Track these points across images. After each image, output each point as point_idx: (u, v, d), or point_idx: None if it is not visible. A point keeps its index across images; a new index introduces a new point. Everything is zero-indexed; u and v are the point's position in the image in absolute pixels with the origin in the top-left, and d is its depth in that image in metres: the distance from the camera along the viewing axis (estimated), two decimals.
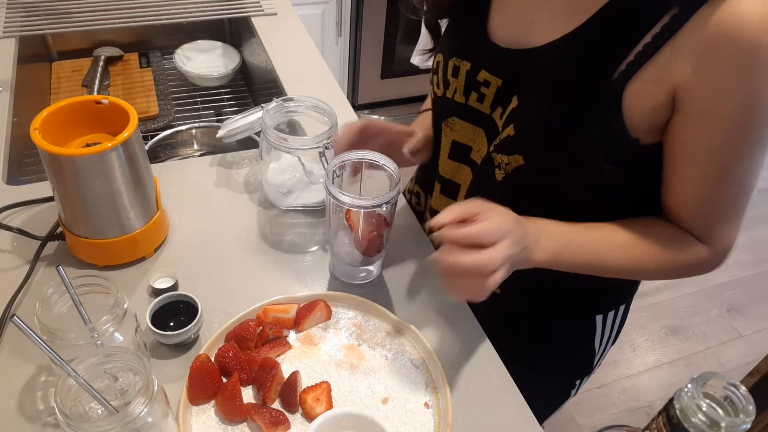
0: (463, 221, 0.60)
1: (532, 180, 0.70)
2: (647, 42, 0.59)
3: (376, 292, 0.83)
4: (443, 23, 0.81)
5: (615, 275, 0.72)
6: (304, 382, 0.71)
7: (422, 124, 0.89)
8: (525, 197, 0.71)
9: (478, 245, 0.58)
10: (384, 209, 0.74)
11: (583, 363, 0.93)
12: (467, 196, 0.80)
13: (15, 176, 1.01)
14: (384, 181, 0.77)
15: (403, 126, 0.85)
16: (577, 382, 0.97)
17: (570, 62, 0.64)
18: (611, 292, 0.86)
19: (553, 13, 0.66)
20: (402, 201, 0.95)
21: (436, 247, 0.65)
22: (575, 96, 0.64)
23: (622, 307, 0.90)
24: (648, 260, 0.69)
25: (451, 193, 0.85)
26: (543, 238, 0.66)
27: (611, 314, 0.88)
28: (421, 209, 0.96)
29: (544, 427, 0.72)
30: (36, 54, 1.37)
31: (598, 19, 0.62)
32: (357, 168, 0.77)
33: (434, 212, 0.88)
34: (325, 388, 0.69)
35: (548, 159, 0.68)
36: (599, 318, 0.88)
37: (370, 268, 0.83)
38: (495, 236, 0.58)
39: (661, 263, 0.69)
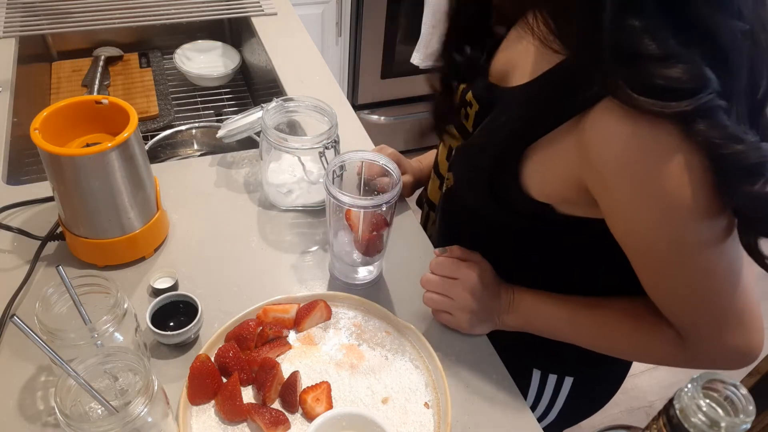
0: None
1: (458, 204, 0.79)
2: (552, 117, 0.59)
3: (376, 292, 0.83)
4: None
5: (592, 349, 0.74)
6: (304, 382, 0.71)
7: (419, 163, 0.98)
8: (457, 219, 0.81)
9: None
10: (384, 209, 0.74)
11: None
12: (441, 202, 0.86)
13: (15, 176, 1.01)
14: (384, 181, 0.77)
15: (408, 164, 0.97)
16: None
17: (511, 111, 0.66)
18: (553, 356, 0.84)
19: (525, 62, 0.67)
20: (402, 200, 0.95)
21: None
22: (496, 141, 0.66)
23: (569, 380, 0.86)
24: (620, 345, 0.72)
25: None
26: (516, 303, 0.75)
27: (553, 378, 0.86)
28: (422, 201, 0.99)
29: None
30: (36, 54, 1.37)
31: (542, 79, 0.62)
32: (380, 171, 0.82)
33: (428, 201, 0.93)
34: (325, 388, 0.69)
35: (466, 191, 0.74)
36: (537, 373, 0.86)
37: (371, 268, 0.83)
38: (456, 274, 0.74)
39: (634, 351, 0.73)
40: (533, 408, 0.89)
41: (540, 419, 0.90)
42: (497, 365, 0.76)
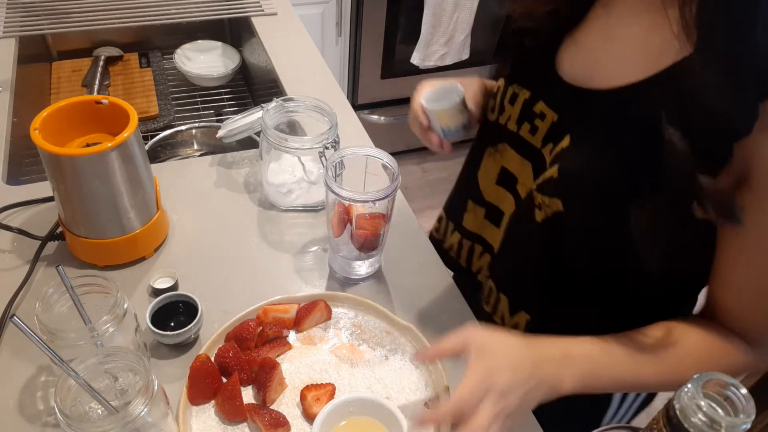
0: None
1: (571, 229, 0.66)
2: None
3: (376, 292, 0.83)
4: None
5: (657, 388, 0.68)
6: (305, 382, 0.71)
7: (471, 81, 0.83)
8: (564, 245, 0.67)
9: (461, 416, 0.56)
10: (382, 204, 0.74)
11: (594, 413, 0.86)
12: (507, 232, 0.77)
13: (15, 176, 1.01)
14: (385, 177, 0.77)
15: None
16: None
17: (631, 113, 0.59)
18: None
19: (625, 57, 0.61)
20: (402, 198, 0.95)
21: None
22: (628, 149, 0.59)
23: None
24: (688, 371, 0.60)
25: (495, 220, 0.79)
26: (567, 368, 0.60)
27: (631, 396, 0.82)
28: (440, 237, 0.91)
29: None
30: (36, 54, 1.37)
31: (668, 75, 0.56)
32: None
33: (466, 233, 0.85)
34: (329, 390, 0.69)
35: (588, 210, 0.64)
36: (617, 396, 0.82)
37: (369, 263, 0.83)
38: (475, 400, 0.56)
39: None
40: (613, 413, 0.85)
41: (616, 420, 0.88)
42: None
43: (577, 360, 0.61)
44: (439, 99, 0.74)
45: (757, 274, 0.58)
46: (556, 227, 0.66)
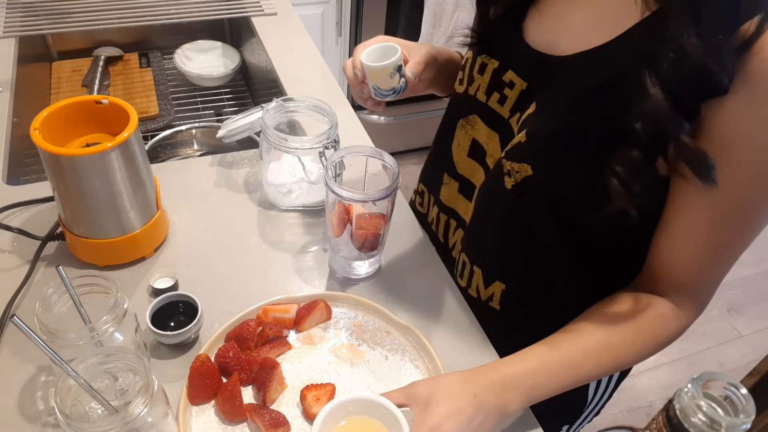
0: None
1: (540, 193, 0.67)
2: None
3: (376, 292, 0.83)
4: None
5: (601, 377, 0.70)
6: (305, 382, 0.71)
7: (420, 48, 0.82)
8: (535, 209, 0.69)
9: None
10: (382, 204, 0.74)
11: (573, 409, 0.89)
12: (477, 203, 0.78)
13: (15, 176, 1.01)
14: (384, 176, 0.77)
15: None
16: (564, 428, 0.92)
17: (595, 75, 0.61)
18: None
19: (586, 22, 0.63)
20: (401, 198, 0.95)
21: None
22: (593, 109, 0.61)
23: None
24: (627, 355, 0.66)
25: (468, 193, 0.81)
26: (509, 390, 0.63)
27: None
28: (424, 210, 0.93)
29: None
30: (36, 54, 1.37)
31: (630, 36, 0.58)
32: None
33: (443, 206, 0.86)
34: (329, 390, 0.69)
35: (555, 172, 0.65)
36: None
37: (369, 263, 0.83)
38: None
39: (640, 352, 0.66)
40: (587, 401, 0.87)
41: (591, 411, 0.90)
42: None
43: (519, 379, 0.64)
44: (377, 58, 0.75)
45: (702, 229, 0.60)
46: (527, 192, 0.68)
